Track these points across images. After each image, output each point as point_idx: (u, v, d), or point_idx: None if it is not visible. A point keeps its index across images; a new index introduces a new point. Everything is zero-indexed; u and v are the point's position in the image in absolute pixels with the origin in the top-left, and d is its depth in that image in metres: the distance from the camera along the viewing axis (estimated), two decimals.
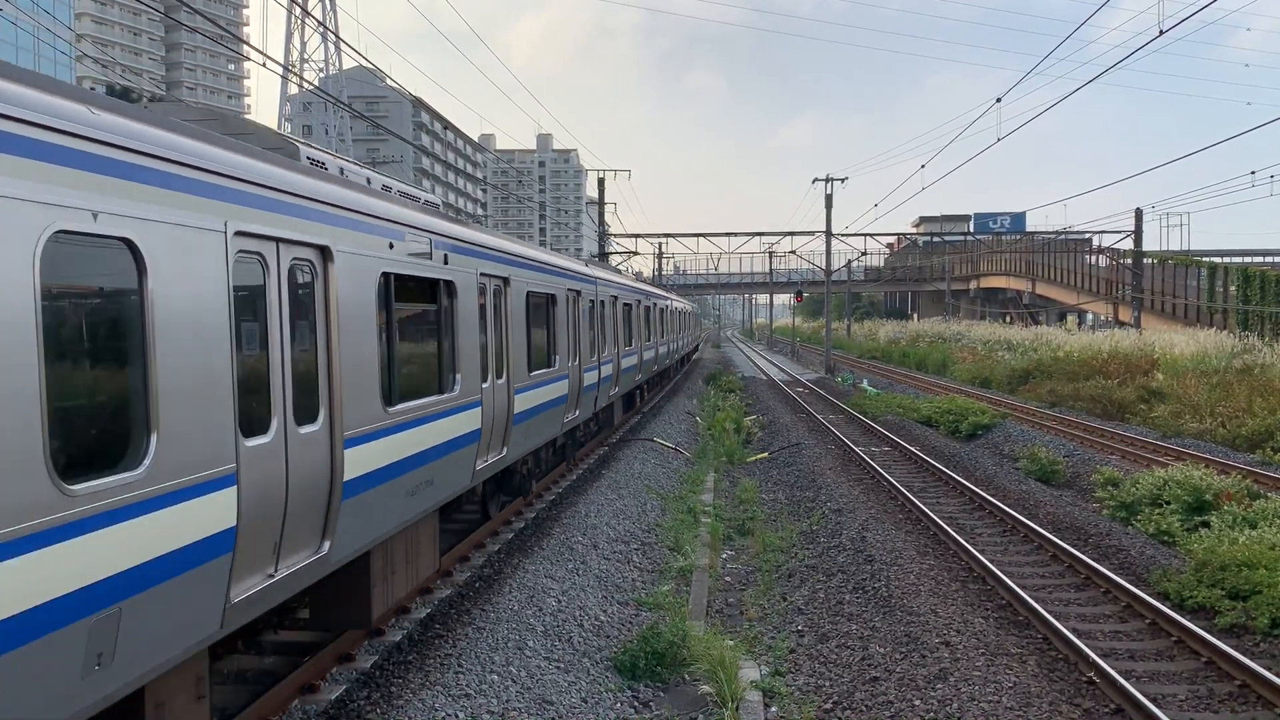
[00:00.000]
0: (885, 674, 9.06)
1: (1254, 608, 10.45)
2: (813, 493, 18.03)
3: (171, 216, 5.14)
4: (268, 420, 6.09)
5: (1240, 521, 13.81)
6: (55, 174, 4.33)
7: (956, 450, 23.75)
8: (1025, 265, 76.00)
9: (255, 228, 5.97)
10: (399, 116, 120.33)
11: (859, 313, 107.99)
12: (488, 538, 13.24)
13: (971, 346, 54.32)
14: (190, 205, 5.32)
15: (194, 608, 5.30)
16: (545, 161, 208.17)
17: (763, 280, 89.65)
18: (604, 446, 22.10)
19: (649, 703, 8.47)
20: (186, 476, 5.17)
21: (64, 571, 4.27)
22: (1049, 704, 8.36)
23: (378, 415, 7.69)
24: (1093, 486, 18.36)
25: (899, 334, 73.74)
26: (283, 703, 7.64)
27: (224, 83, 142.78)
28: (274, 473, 6.11)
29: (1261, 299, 41.28)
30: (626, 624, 10.23)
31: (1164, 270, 53.53)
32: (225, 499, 5.52)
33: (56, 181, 4.33)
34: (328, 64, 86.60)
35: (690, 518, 15.69)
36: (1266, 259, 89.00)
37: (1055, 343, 45.57)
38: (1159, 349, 36.95)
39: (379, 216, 7.98)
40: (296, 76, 60.76)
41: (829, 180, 53.24)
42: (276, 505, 6.14)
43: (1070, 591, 11.87)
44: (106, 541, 4.52)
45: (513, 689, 7.98)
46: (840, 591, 11.77)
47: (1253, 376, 28.79)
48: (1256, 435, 22.39)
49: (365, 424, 7.40)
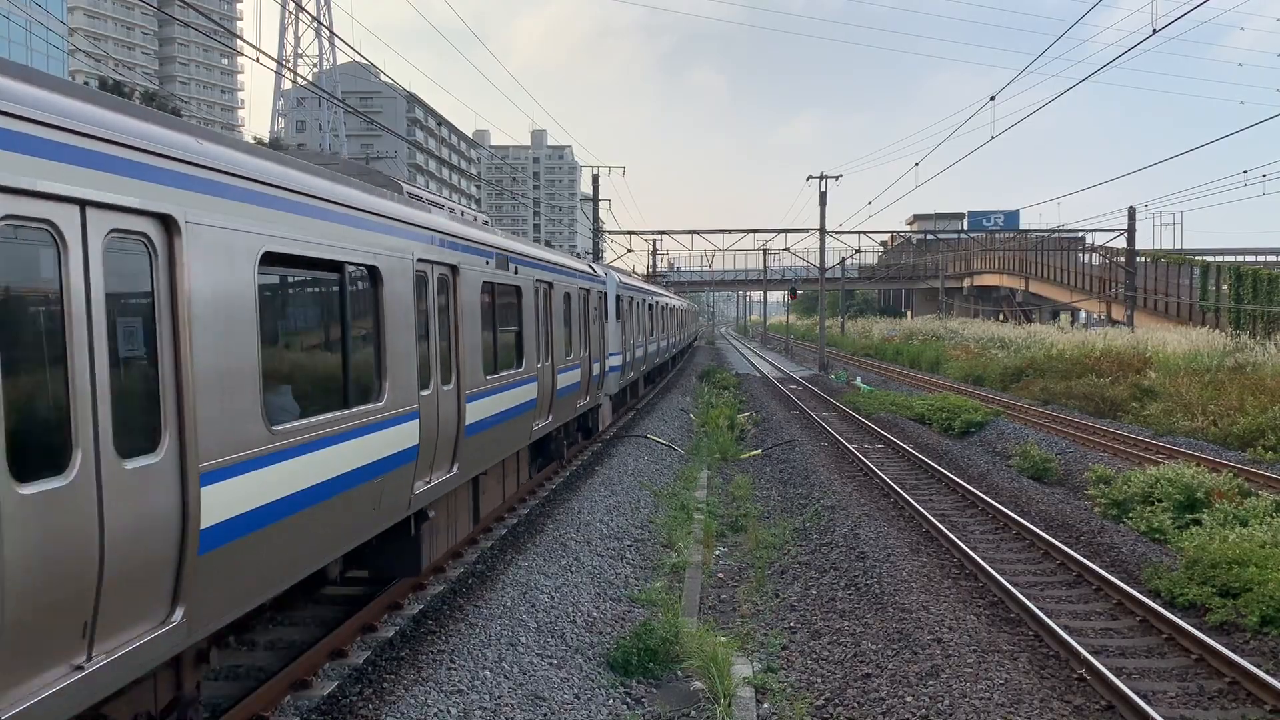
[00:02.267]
0: (877, 670, 9.08)
1: (1244, 605, 10.49)
2: (806, 489, 18.05)
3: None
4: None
5: (1231, 519, 13.86)
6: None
7: (949, 447, 23.79)
8: (1019, 263, 76.13)
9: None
10: (393, 112, 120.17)
11: (853, 310, 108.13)
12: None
13: (965, 344, 54.40)
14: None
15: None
16: (539, 157, 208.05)
17: (757, 278, 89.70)
18: (597, 444, 22.11)
19: (641, 699, 8.48)
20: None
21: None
22: (1040, 701, 8.39)
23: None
24: (1085, 484, 18.40)
25: (893, 331, 73.89)
26: (275, 698, 7.64)
27: (218, 78, 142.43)
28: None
29: (1254, 298, 41.40)
30: (619, 620, 10.24)
31: (1157, 269, 53.68)
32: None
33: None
34: (321, 59, 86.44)
35: (684, 514, 15.71)
36: (1259, 258, 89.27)
37: (1048, 341, 45.65)
38: (1152, 347, 37.04)
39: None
40: (291, 72, 60.60)
41: (823, 178, 53.26)
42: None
43: (1062, 589, 11.90)
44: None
45: (505, 685, 7.99)
46: (833, 588, 11.79)
47: (1245, 375, 28.89)
48: (1248, 433, 22.46)
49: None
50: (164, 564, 5.15)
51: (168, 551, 5.16)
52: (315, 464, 6.77)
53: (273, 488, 6.21)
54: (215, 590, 5.60)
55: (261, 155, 6.60)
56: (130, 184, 4.96)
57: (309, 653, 8.29)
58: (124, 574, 4.77)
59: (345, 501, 7.30)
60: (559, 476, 17.93)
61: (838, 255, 68.81)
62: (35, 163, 4.36)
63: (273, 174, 6.43)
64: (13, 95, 4.30)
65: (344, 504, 7.28)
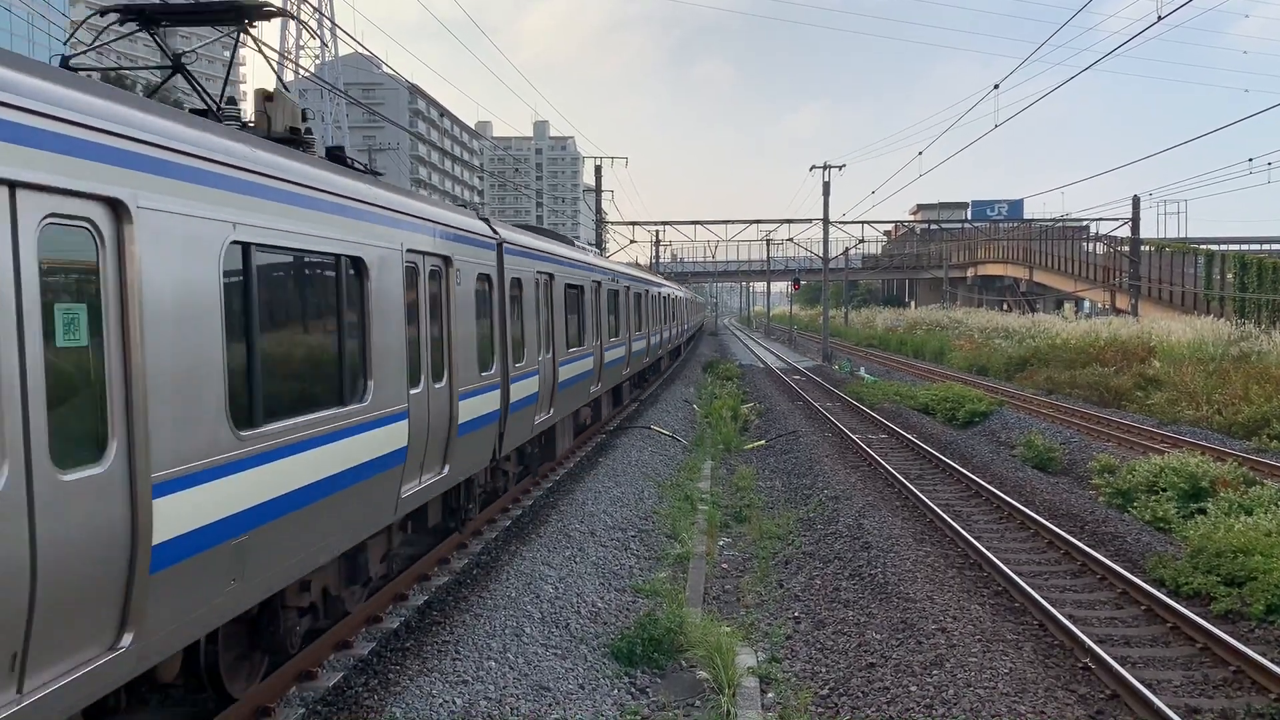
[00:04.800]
0: (881, 660, 9.09)
1: (1249, 594, 10.49)
2: (810, 480, 18.05)
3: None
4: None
5: (1236, 508, 13.84)
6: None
7: (953, 437, 23.78)
8: (1023, 253, 75.93)
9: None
10: (395, 104, 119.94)
11: (856, 300, 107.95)
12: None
13: (968, 334, 54.31)
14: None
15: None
16: (542, 149, 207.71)
17: (760, 268, 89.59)
18: (601, 434, 22.12)
19: (646, 689, 8.49)
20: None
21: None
22: (1044, 690, 8.39)
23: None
24: (1089, 474, 18.38)
25: (896, 321, 73.79)
26: (281, 689, 7.66)
27: (218, 69, 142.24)
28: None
29: (1258, 286, 41.27)
30: (624, 611, 10.25)
31: (1161, 258, 53.50)
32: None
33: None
34: (323, 51, 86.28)
35: (687, 505, 15.71)
36: (1264, 246, 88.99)
37: (1052, 330, 45.55)
38: (1156, 336, 36.95)
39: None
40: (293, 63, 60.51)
41: (826, 168, 53.18)
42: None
43: (1066, 578, 11.90)
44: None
45: (510, 675, 8.00)
46: (837, 578, 11.79)
47: (1249, 364, 28.81)
48: (1252, 422, 22.42)
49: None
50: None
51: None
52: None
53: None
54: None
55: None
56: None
57: (314, 644, 8.30)
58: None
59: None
60: (563, 468, 17.94)
61: (841, 245, 68.75)
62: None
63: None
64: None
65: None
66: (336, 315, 7.25)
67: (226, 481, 5.63)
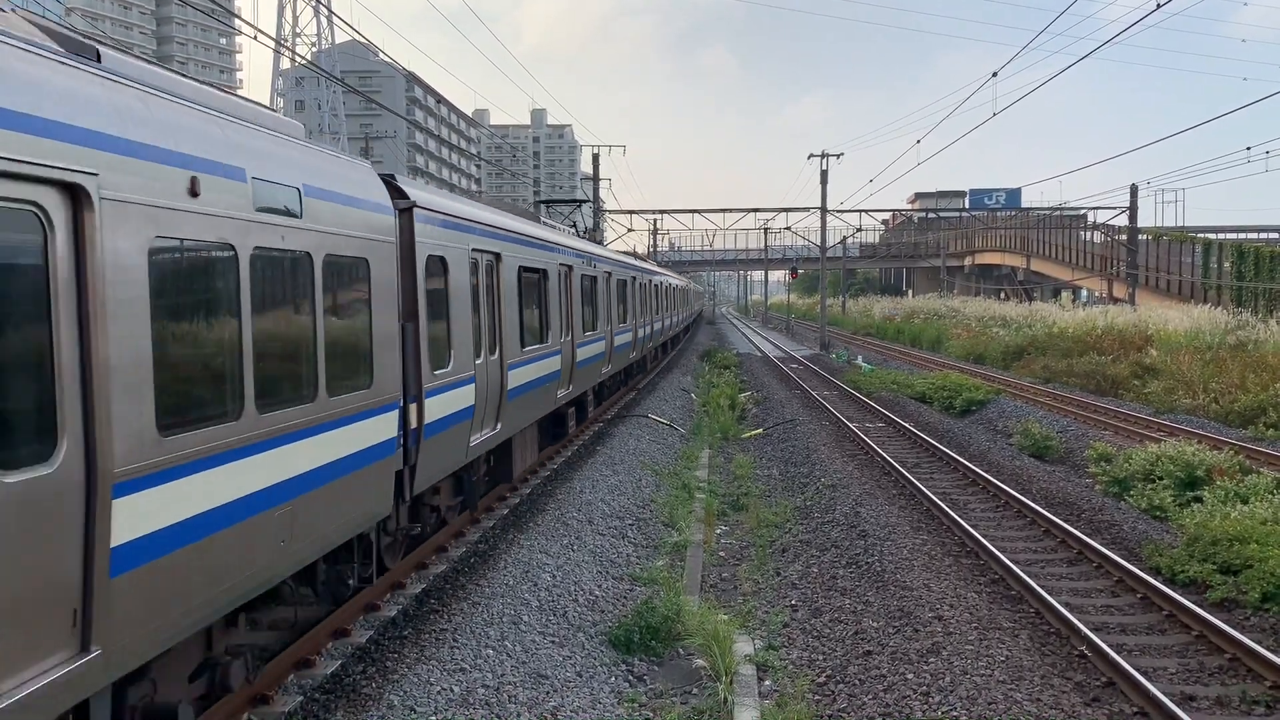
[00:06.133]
0: (878, 648, 9.11)
1: (1245, 582, 10.51)
2: (807, 468, 18.07)
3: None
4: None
5: (1232, 497, 13.87)
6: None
7: (950, 426, 23.80)
8: (1020, 241, 75.86)
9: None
10: (392, 91, 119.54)
11: (854, 289, 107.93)
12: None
13: (966, 323, 54.34)
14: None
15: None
16: (539, 137, 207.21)
17: (758, 257, 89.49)
18: (599, 423, 22.13)
19: (644, 677, 8.52)
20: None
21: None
22: (1041, 677, 8.41)
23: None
24: (1086, 462, 18.41)
25: (894, 310, 73.80)
26: (279, 677, 7.67)
27: (216, 57, 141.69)
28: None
29: (1255, 275, 41.28)
30: (621, 599, 10.27)
31: (1159, 246, 53.47)
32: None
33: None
34: (320, 38, 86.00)
35: (685, 493, 15.74)
36: (1261, 235, 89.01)
37: (1050, 319, 45.58)
38: (1153, 325, 36.98)
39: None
40: (289, 51, 60.30)
41: (824, 156, 53.08)
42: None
43: (1063, 566, 11.93)
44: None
45: (508, 663, 8.02)
46: (834, 566, 11.81)
47: (1246, 352, 28.85)
48: (1249, 411, 22.45)
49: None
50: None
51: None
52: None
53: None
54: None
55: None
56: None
57: (311, 632, 8.31)
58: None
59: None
60: (560, 456, 17.95)
61: (839, 234, 68.69)
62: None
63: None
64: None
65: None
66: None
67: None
